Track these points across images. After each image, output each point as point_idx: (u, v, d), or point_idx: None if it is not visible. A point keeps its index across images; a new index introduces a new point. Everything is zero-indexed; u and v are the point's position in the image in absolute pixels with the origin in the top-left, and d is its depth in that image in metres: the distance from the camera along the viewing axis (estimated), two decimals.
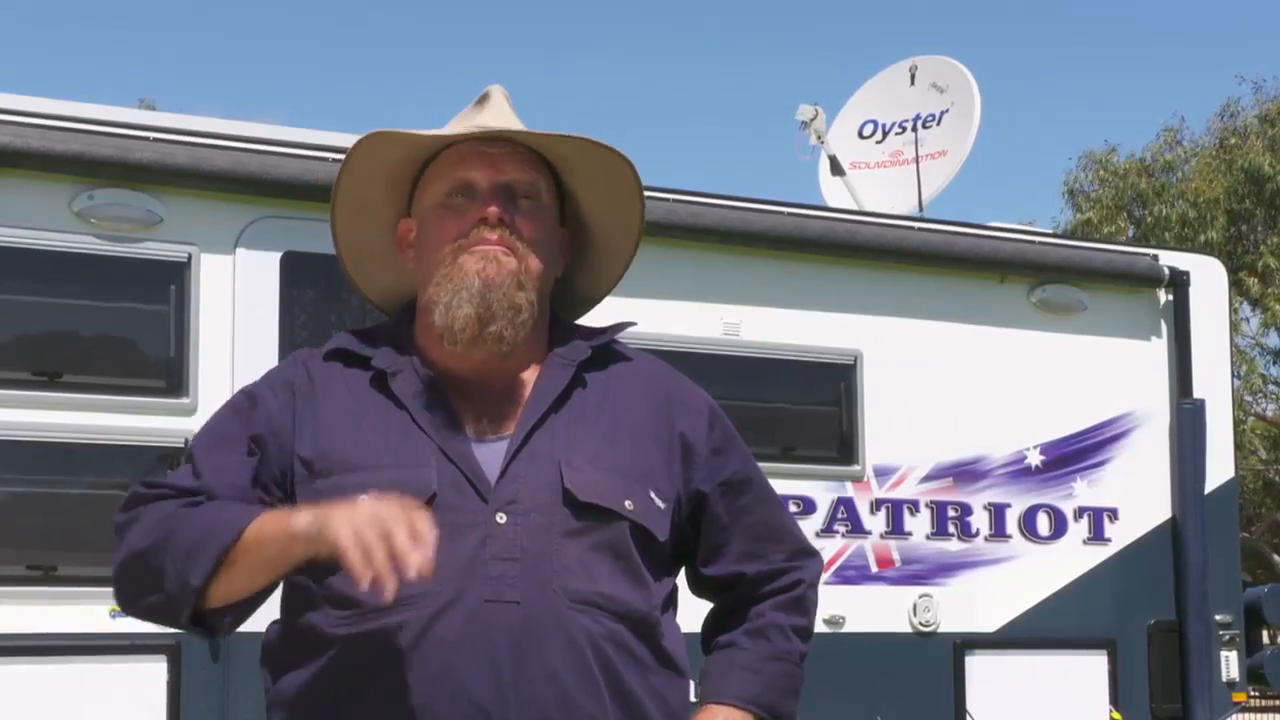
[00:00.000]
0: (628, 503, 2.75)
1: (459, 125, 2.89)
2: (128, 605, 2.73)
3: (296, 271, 6.90)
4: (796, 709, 2.93)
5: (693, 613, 2.98)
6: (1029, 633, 8.42)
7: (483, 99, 2.93)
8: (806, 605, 2.96)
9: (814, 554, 3.02)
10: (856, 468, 8.11)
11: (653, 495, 2.80)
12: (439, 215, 2.83)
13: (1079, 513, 8.65)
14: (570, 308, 3.01)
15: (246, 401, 2.84)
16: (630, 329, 3.00)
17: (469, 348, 2.76)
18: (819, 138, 10.10)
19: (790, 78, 76.25)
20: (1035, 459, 8.58)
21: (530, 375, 2.83)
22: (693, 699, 2.87)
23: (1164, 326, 8.96)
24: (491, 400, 2.79)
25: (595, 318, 3.05)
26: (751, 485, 2.96)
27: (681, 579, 2.96)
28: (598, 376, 2.87)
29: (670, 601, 2.87)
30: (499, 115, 2.88)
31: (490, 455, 2.73)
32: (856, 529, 8.06)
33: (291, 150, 7.10)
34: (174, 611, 2.65)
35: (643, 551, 2.78)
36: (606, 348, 2.92)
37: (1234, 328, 12.64)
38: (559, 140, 2.86)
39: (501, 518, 2.67)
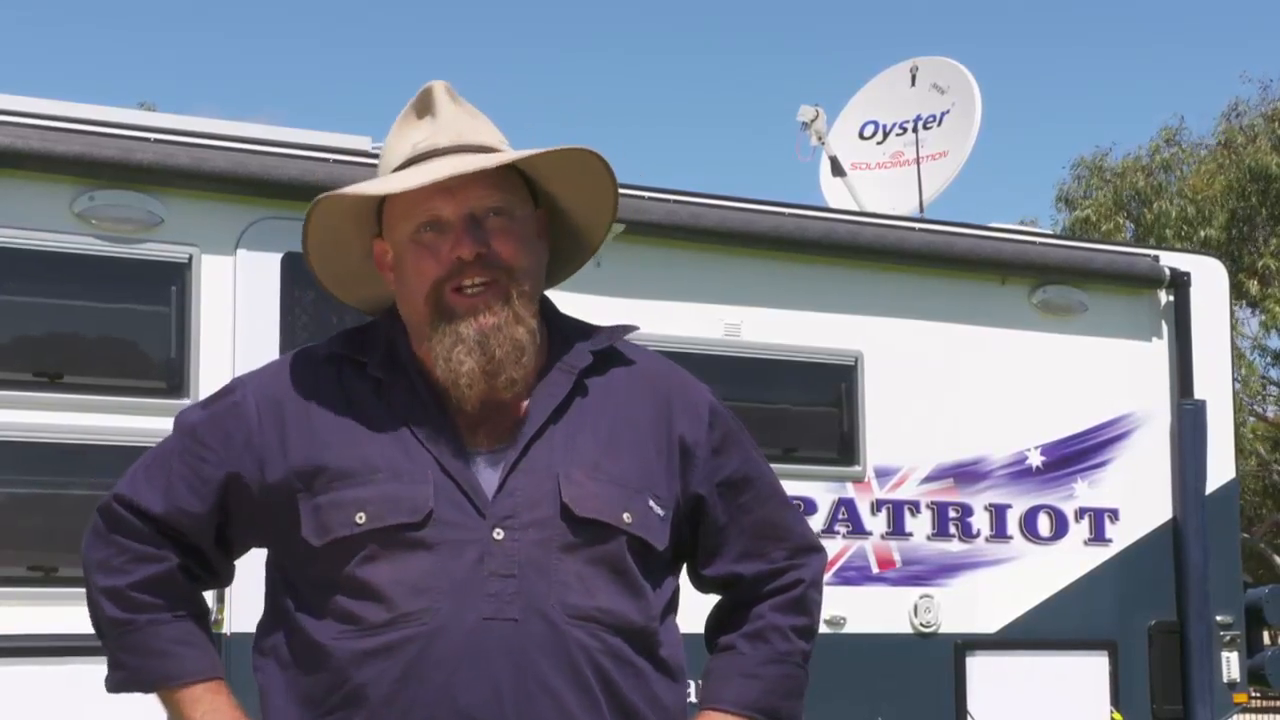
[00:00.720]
0: (626, 515, 2.73)
1: (404, 141, 2.81)
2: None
3: (297, 272, 6.88)
4: (800, 709, 2.91)
5: (695, 614, 2.98)
6: (1030, 634, 8.42)
7: (424, 104, 2.84)
8: (807, 604, 2.93)
9: (817, 550, 2.98)
10: (857, 468, 8.11)
11: (652, 504, 2.77)
12: (414, 252, 2.76)
13: (1080, 513, 8.65)
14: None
15: (231, 414, 2.81)
16: (631, 330, 2.97)
17: (479, 401, 2.73)
18: (820, 139, 10.10)
19: (790, 78, 76.29)
20: (1036, 460, 8.57)
21: (530, 384, 2.79)
22: (694, 699, 2.86)
23: (1165, 327, 8.96)
24: (491, 411, 2.76)
25: (599, 318, 3.03)
26: (751, 484, 2.93)
27: (684, 576, 2.95)
28: (599, 382, 2.84)
29: (671, 606, 2.86)
30: (446, 125, 2.80)
31: (488, 468, 2.71)
32: (857, 530, 8.06)
33: (292, 151, 7.10)
34: None
35: (641, 562, 2.76)
36: (608, 351, 2.89)
37: (1233, 328, 12.64)
38: (515, 160, 2.78)
39: (499, 533, 2.66)
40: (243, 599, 6.22)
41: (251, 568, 2.93)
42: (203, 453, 2.79)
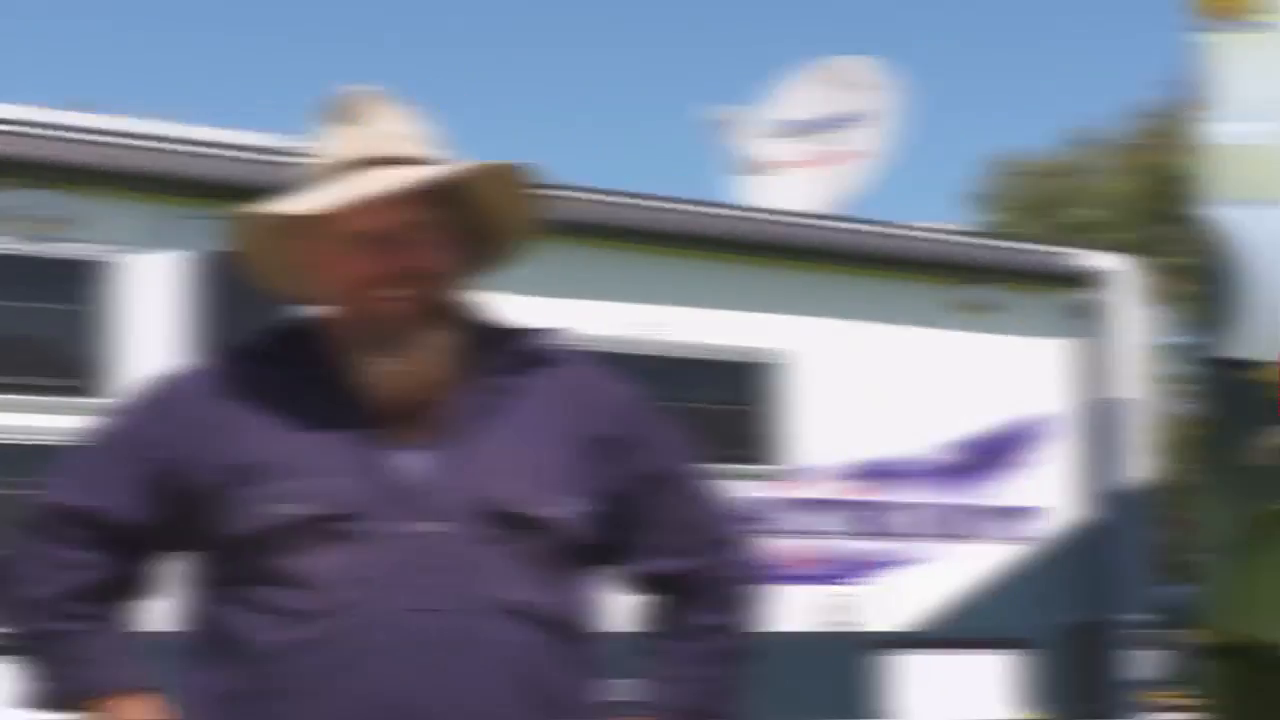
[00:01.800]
0: (549, 509, 2.74)
1: (328, 148, 2.81)
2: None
3: (211, 271, 6.86)
4: (729, 704, 2.90)
5: (624, 614, 2.97)
6: (948, 632, 8.47)
7: (347, 110, 2.83)
8: (729, 601, 2.91)
9: (735, 543, 2.96)
10: (777, 466, 8.13)
11: (574, 500, 2.78)
12: (333, 262, 2.77)
13: (997, 511, 8.70)
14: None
15: (159, 411, 2.81)
16: (555, 333, 2.97)
17: (398, 400, 2.73)
18: (735, 137, 10.12)
19: (706, 76, 76.42)
20: (954, 458, 8.62)
21: (453, 384, 2.79)
22: (624, 697, 2.85)
23: (1081, 325, 9.03)
24: (413, 409, 2.76)
25: (518, 318, 3.02)
26: (669, 479, 2.92)
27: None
28: (521, 382, 2.84)
29: (595, 603, 2.86)
30: (367, 135, 2.80)
31: (411, 464, 2.71)
32: (776, 528, 8.07)
33: (205, 150, 7.08)
34: None
35: (565, 556, 2.77)
36: (531, 351, 2.90)
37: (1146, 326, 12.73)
38: (429, 180, 2.78)
39: (422, 526, 2.66)
40: (160, 601, 6.18)
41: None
42: (139, 451, 2.77)
